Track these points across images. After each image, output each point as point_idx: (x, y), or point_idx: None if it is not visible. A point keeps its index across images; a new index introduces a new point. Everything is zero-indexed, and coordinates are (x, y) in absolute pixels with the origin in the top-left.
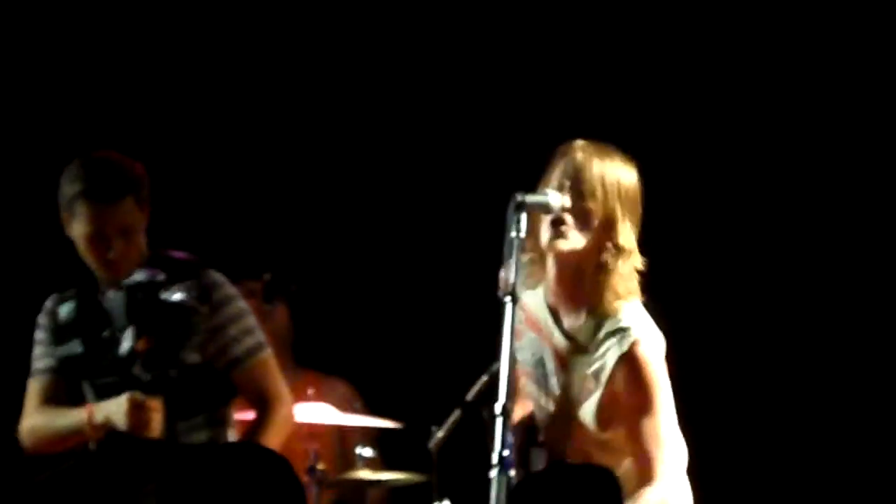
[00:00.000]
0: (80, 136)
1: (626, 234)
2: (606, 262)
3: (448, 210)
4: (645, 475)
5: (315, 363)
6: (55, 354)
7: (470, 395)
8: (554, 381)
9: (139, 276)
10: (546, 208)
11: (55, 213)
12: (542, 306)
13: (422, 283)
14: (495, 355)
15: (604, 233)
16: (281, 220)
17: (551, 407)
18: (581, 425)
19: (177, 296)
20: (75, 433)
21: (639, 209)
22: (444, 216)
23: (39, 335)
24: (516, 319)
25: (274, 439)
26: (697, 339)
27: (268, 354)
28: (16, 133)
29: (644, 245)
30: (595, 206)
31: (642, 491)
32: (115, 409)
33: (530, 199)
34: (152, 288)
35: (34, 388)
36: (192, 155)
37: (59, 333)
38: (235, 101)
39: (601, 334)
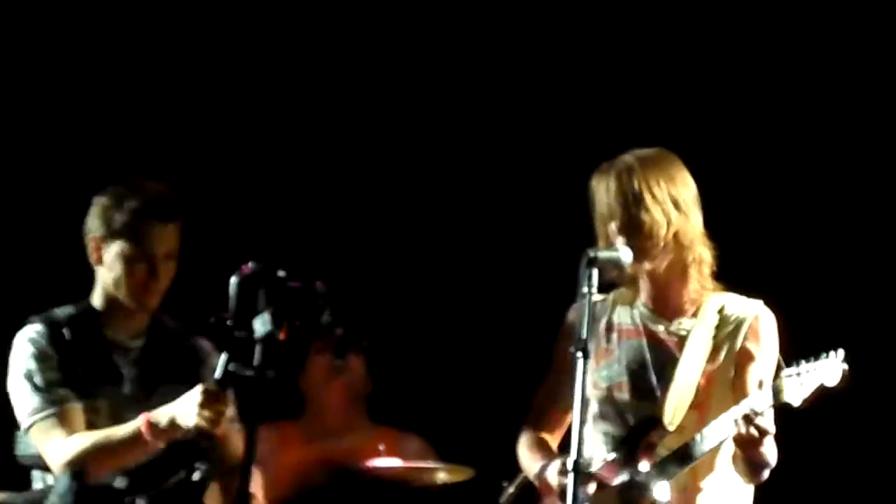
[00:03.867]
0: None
1: (693, 230)
2: (686, 262)
3: (520, 261)
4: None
5: (391, 419)
6: (68, 382)
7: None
8: (665, 377)
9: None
10: (617, 263)
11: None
12: (640, 313)
13: (497, 334)
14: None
15: (672, 240)
16: (356, 276)
17: (658, 396)
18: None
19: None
20: (134, 446)
21: (696, 199)
22: (516, 268)
23: (41, 364)
24: (601, 341)
25: None
26: None
27: None
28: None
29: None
30: (652, 223)
31: None
32: (182, 408)
33: (602, 255)
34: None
35: (52, 421)
36: (263, 210)
37: (69, 359)
38: (311, 160)
39: (718, 313)
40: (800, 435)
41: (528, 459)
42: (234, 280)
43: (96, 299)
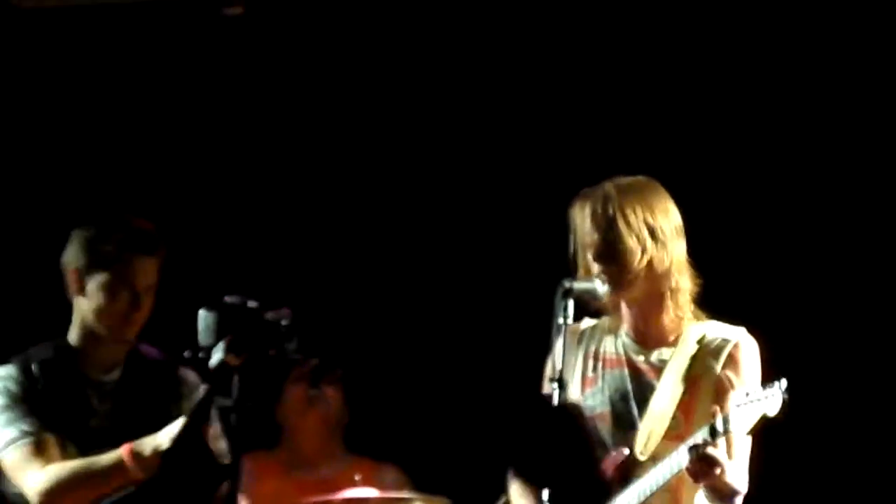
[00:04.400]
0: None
1: (672, 258)
2: (664, 291)
3: (496, 291)
4: None
5: (367, 449)
6: (24, 414)
7: None
8: (643, 407)
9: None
10: (593, 294)
11: None
12: (623, 343)
13: (473, 365)
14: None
15: (646, 269)
16: (330, 306)
17: (639, 428)
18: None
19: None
20: (116, 475)
21: (677, 228)
22: (493, 298)
23: (10, 401)
24: (588, 369)
25: None
26: None
27: None
28: None
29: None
30: (625, 250)
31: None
32: (165, 437)
33: (577, 286)
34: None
35: (27, 450)
36: (237, 237)
37: (37, 396)
38: (287, 188)
39: (698, 342)
40: (776, 459)
41: None
42: (202, 313)
43: (73, 333)
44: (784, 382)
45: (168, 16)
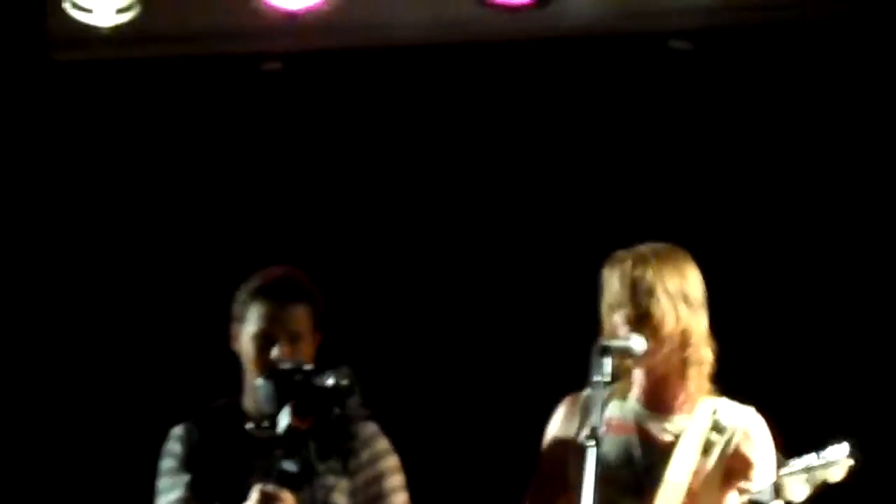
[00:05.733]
0: None
1: (699, 329)
2: (687, 360)
3: (517, 307)
4: None
5: None
6: (184, 482)
7: None
8: (654, 473)
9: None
10: (629, 352)
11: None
12: (633, 410)
13: (485, 364)
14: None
15: (679, 336)
16: (344, 307)
17: (641, 494)
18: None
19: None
20: None
21: (703, 299)
22: (513, 313)
23: (169, 464)
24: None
25: None
26: None
27: None
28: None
29: None
30: (662, 316)
31: None
32: None
33: (614, 344)
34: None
35: None
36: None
37: (193, 459)
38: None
39: (711, 416)
40: None
41: None
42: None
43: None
44: (846, 447)
45: (208, 71)
